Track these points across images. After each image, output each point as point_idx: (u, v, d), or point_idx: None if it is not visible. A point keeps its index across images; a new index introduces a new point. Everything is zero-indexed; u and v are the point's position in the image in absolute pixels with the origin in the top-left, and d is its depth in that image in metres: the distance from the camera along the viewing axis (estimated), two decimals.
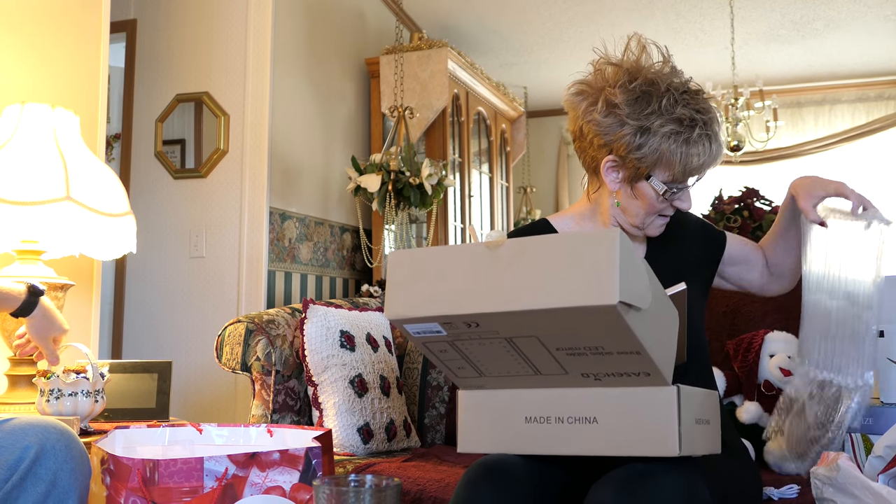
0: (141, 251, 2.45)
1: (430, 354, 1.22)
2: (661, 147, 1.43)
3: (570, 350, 1.11)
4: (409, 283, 1.16)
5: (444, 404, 2.36)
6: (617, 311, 1.01)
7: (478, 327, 1.12)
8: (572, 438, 1.18)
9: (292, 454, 1.33)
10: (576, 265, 1.04)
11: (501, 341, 1.14)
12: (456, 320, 1.12)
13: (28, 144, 1.98)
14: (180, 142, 3.75)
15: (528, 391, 1.21)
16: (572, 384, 1.18)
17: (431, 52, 4.43)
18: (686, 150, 1.43)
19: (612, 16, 5.33)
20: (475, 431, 1.27)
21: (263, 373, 2.17)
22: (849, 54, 6.09)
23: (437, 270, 1.14)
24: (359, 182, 3.77)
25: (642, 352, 1.07)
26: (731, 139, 5.42)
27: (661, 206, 1.50)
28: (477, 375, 1.23)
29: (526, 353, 1.14)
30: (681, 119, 1.42)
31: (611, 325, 1.04)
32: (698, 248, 1.65)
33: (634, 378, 1.12)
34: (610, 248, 1.02)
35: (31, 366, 2.04)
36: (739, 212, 4.57)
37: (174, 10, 3.80)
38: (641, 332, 1.05)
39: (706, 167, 1.47)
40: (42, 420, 1.30)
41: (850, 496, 1.27)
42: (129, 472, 1.26)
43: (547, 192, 7.44)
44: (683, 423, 1.12)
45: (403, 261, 1.18)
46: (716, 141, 1.45)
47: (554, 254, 1.06)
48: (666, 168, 1.45)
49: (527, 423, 1.22)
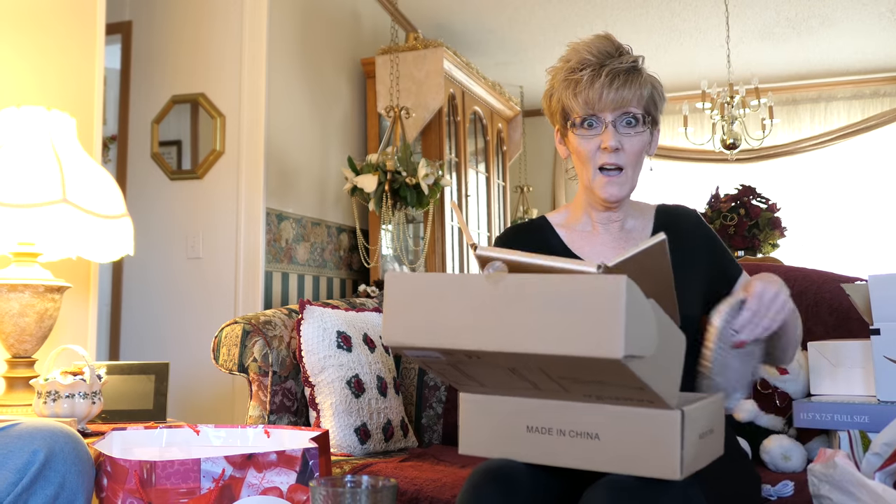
0: (138, 253, 2.45)
1: (429, 370, 1.21)
2: (560, 89, 1.54)
3: (574, 380, 1.10)
4: (408, 310, 1.13)
5: (442, 404, 2.37)
6: (621, 363, 0.99)
7: (479, 359, 1.11)
8: (573, 452, 1.17)
9: (289, 455, 1.33)
10: (580, 312, 1.01)
11: (503, 369, 1.13)
12: (456, 353, 1.11)
13: (24, 147, 1.98)
14: (176, 143, 3.75)
15: (530, 400, 1.21)
16: (574, 399, 1.17)
17: (427, 52, 4.43)
18: (575, 85, 1.50)
19: (606, 14, 5.33)
20: (477, 434, 1.26)
21: (260, 374, 2.17)
22: (844, 51, 6.10)
23: (437, 299, 1.11)
24: (355, 182, 3.77)
25: (646, 389, 1.06)
26: (726, 137, 5.42)
27: (587, 149, 1.53)
28: (479, 386, 1.23)
29: (528, 376, 1.13)
30: (574, 66, 1.52)
31: (615, 370, 1.02)
32: (705, 263, 1.61)
33: (638, 402, 1.11)
34: (616, 297, 0.99)
35: (29, 368, 2.04)
36: (736, 209, 4.58)
37: (169, 12, 3.79)
38: (646, 374, 1.04)
39: (602, 96, 1.48)
40: (49, 424, 1.31)
41: (846, 493, 1.28)
42: (126, 474, 1.26)
43: (544, 192, 7.44)
44: (686, 445, 1.10)
45: (402, 285, 1.15)
46: (609, 74, 1.48)
47: (557, 297, 1.03)
48: (569, 109, 1.54)
49: (528, 431, 1.21)
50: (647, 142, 1.56)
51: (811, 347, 1.83)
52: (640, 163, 1.57)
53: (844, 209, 6.56)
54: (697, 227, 1.64)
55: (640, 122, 1.52)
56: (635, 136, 1.52)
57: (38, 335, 2.04)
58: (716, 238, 1.66)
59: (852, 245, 6.46)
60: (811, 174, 6.72)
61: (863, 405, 1.65)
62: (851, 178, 6.61)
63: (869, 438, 1.58)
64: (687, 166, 7.04)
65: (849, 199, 6.57)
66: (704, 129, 6.33)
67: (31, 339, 2.03)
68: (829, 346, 1.81)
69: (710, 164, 6.91)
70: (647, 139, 1.55)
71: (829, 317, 2.07)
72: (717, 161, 6.76)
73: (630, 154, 1.53)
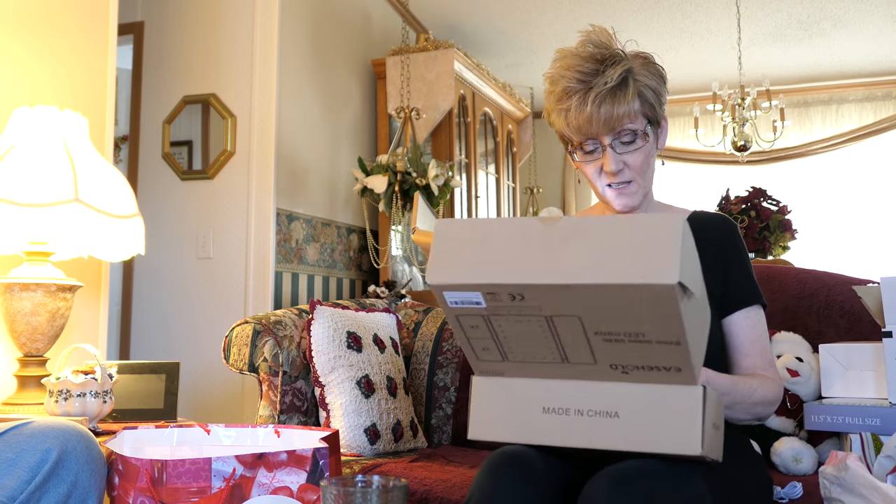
0: (149, 252, 2.46)
1: (458, 330, 1.18)
2: (553, 117, 1.53)
3: (609, 335, 1.09)
4: (455, 251, 1.13)
5: (451, 405, 2.37)
6: (674, 292, 0.99)
7: (522, 300, 1.09)
8: (591, 432, 1.16)
9: (300, 455, 1.34)
10: (636, 244, 1.03)
11: (540, 320, 1.11)
12: (501, 291, 1.09)
13: (37, 146, 1.98)
14: (187, 143, 3.77)
15: (547, 381, 1.19)
16: (597, 377, 1.16)
17: (438, 53, 4.43)
18: (566, 115, 1.49)
19: (617, 16, 5.32)
20: (489, 418, 1.24)
21: (271, 373, 2.18)
22: (856, 53, 6.07)
23: (486, 240, 1.11)
24: (365, 183, 3.78)
25: (682, 342, 1.05)
26: (737, 139, 5.41)
27: (591, 171, 1.53)
28: (499, 360, 1.21)
29: (561, 334, 1.12)
30: (560, 96, 1.50)
31: (661, 308, 1.02)
32: (716, 273, 1.56)
33: (664, 373, 1.11)
34: (674, 230, 1.02)
35: (41, 367, 2.05)
36: (746, 212, 4.57)
37: (181, 13, 3.81)
38: (688, 321, 1.04)
39: (593, 121, 1.46)
40: (61, 423, 1.31)
41: (858, 496, 1.27)
42: (138, 473, 1.27)
43: (553, 193, 7.44)
44: (707, 422, 1.10)
45: (451, 229, 1.15)
46: (596, 99, 1.45)
47: (614, 233, 1.05)
48: (567, 137, 1.53)
49: (544, 413, 1.19)
50: (651, 150, 1.52)
51: (822, 350, 1.82)
52: (649, 169, 1.54)
53: (856, 211, 6.52)
54: (726, 238, 1.59)
55: (639, 135, 1.48)
56: (636, 152, 1.49)
57: (50, 334, 2.05)
58: (742, 257, 1.59)
59: (864, 247, 6.43)
60: (822, 176, 6.69)
61: (874, 408, 1.64)
62: (863, 180, 6.58)
63: (881, 441, 1.57)
64: (697, 168, 7.02)
65: (860, 202, 6.53)
66: (715, 131, 6.31)
67: (42, 338, 2.04)
68: (841, 348, 1.80)
69: (721, 166, 6.88)
70: (650, 148, 1.52)
71: (841, 319, 2.06)
72: (728, 163, 6.74)
73: (634, 168, 1.51)
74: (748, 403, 1.41)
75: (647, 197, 1.59)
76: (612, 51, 1.49)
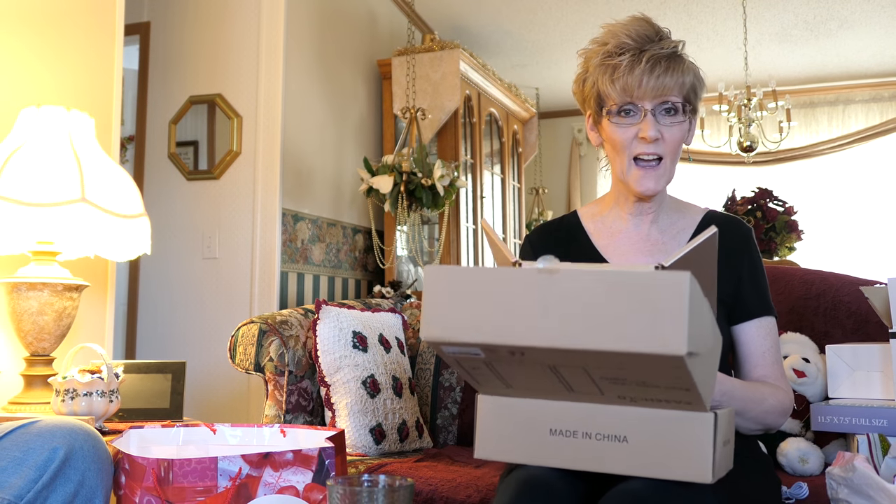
0: (154, 252, 2.46)
1: (459, 369, 1.15)
2: (595, 73, 1.48)
3: (616, 380, 1.05)
4: (449, 304, 1.07)
5: (457, 405, 2.36)
6: (683, 360, 0.95)
7: (522, 356, 1.05)
8: (600, 456, 1.12)
9: (305, 454, 1.34)
10: (640, 306, 0.96)
11: (543, 367, 1.07)
12: (499, 349, 1.05)
13: (43, 146, 1.99)
14: (193, 143, 3.77)
15: (554, 402, 1.15)
16: (605, 402, 1.12)
17: (443, 54, 4.44)
18: (613, 71, 1.44)
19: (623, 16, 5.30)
20: (494, 439, 1.20)
21: (276, 373, 2.18)
22: (862, 54, 6.06)
23: (480, 292, 1.05)
24: (371, 183, 3.78)
25: (692, 388, 1.02)
26: (743, 140, 5.40)
27: (623, 138, 1.46)
28: (503, 387, 1.17)
29: (566, 377, 1.08)
30: (611, 50, 1.46)
31: (670, 370, 0.98)
32: (728, 282, 1.53)
33: (674, 405, 1.07)
34: (680, 293, 0.94)
35: (47, 366, 2.06)
36: (752, 212, 4.56)
37: (187, 13, 3.81)
38: (698, 374, 1.00)
39: (642, 83, 1.42)
40: (68, 422, 1.32)
41: (865, 497, 1.27)
42: (144, 472, 1.27)
43: (559, 193, 7.43)
44: (717, 448, 1.07)
45: (442, 278, 1.08)
46: (650, 60, 1.41)
47: (617, 290, 0.97)
48: (605, 95, 1.47)
49: (552, 435, 1.15)
50: (686, 133, 1.49)
51: (829, 351, 1.81)
52: (678, 153, 1.50)
53: (862, 212, 6.51)
54: (741, 245, 1.55)
55: (681, 111, 1.45)
56: (675, 126, 1.45)
57: (57, 333, 2.05)
58: (757, 266, 1.56)
59: (870, 248, 6.41)
60: (828, 177, 6.68)
61: (882, 409, 1.63)
62: (869, 181, 6.56)
63: (888, 442, 1.57)
64: (703, 169, 7.01)
65: (867, 202, 6.52)
66: (721, 132, 6.31)
67: (49, 338, 2.04)
68: (848, 349, 1.79)
69: (727, 166, 6.88)
70: (687, 128, 1.48)
71: (848, 320, 2.06)
72: (734, 164, 6.73)
73: (670, 143, 1.46)
74: (759, 411, 1.40)
75: (664, 190, 1.55)
76: (665, 31, 1.49)
